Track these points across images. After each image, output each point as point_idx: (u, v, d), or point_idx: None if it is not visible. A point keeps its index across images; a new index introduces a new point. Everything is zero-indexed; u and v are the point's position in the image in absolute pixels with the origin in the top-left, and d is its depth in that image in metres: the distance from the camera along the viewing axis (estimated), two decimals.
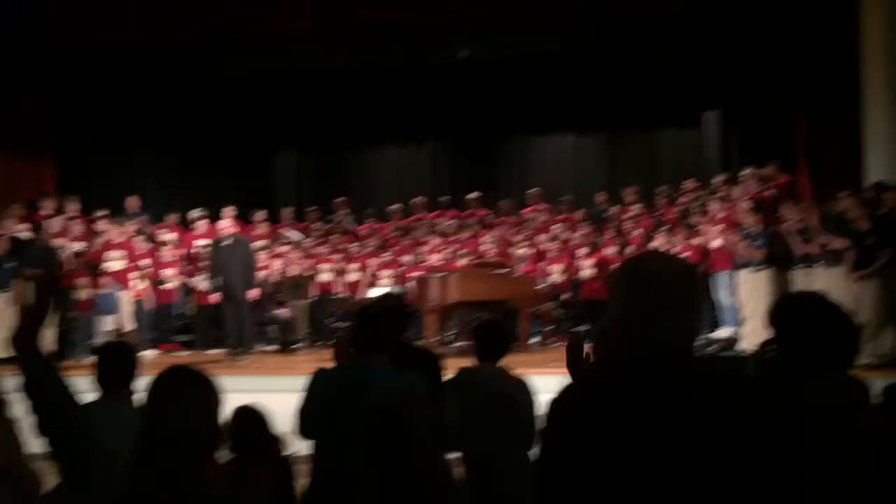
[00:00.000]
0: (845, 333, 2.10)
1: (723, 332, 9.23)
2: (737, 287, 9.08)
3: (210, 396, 1.97)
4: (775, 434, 1.51)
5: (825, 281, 8.01)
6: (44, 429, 2.30)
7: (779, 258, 8.71)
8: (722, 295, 9.30)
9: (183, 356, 10.45)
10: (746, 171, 10.19)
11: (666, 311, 1.60)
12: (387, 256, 12.07)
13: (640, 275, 1.66)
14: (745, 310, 8.90)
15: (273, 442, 3.30)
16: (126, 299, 10.14)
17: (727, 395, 1.53)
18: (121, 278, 10.14)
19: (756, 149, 11.32)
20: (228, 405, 3.12)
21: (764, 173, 10.05)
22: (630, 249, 10.56)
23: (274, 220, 13.48)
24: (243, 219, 11.06)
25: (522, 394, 3.67)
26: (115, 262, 10.13)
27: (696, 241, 9.81)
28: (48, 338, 9.55)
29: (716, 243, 9.41)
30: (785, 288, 8.51)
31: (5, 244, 9.49)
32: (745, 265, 8.96)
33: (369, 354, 3.12)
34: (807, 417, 1.83)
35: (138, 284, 10.36)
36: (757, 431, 1.49)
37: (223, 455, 3.18)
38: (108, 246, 10.23)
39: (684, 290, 1.63)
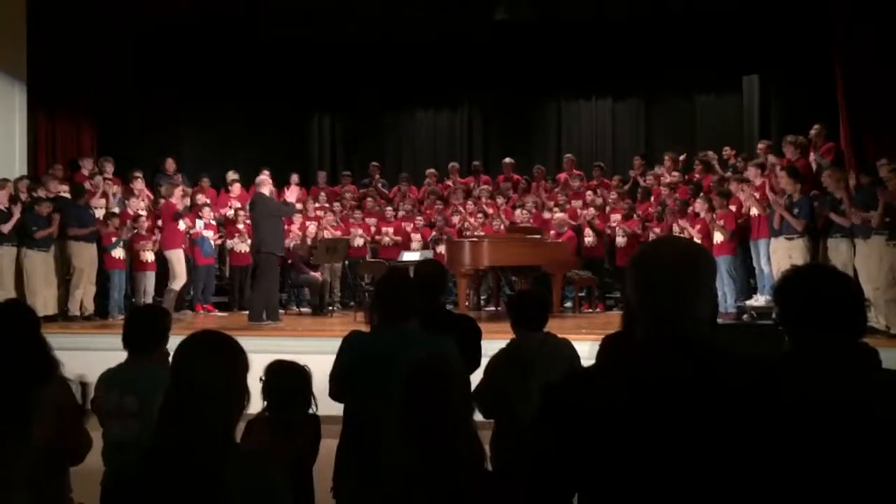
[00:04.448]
0: (843, 302, 1.92)
1: (759, 300, 9.13)
2: (773, 254, 8.96)
3: (234, 360, 1.98)
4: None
5: (862, 252, 7.90)
6: None
7: (816, 227, 8.57)
8: (762, 262, 9.18)
9: (218, 317, 10.61)
10: (787, 138, 9.97)
11: (667, 297, 1.59)
12: (420, 221, 12.09)
13: (645, 262, 1.66)
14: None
15: (307, 399, 3.34)
16: (176, 259, 10.15)
17: (738, 380, 1.53)
18: (164, 239, 10.17)
19: (796, 115, 11.04)
20: (262, 365, 3.19)
21: (801, 141, 9.81)
22: (666, 216, 10.43)
23: (308, 183, 13.55)
24: (278, 182, 11.08)
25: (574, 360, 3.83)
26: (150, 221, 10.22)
27: (733, 207, 9.66)
28: (87, 297, 9.76)
29: (755, 210, 9.27)
30: (817, 257, 8.40)
31: (47, 204, 9.63)
32: (780, 233, 8.81)
33: (399, 319, 3.14)
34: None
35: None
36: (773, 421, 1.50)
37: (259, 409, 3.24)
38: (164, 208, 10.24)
39: (687, 275, 1.61)
